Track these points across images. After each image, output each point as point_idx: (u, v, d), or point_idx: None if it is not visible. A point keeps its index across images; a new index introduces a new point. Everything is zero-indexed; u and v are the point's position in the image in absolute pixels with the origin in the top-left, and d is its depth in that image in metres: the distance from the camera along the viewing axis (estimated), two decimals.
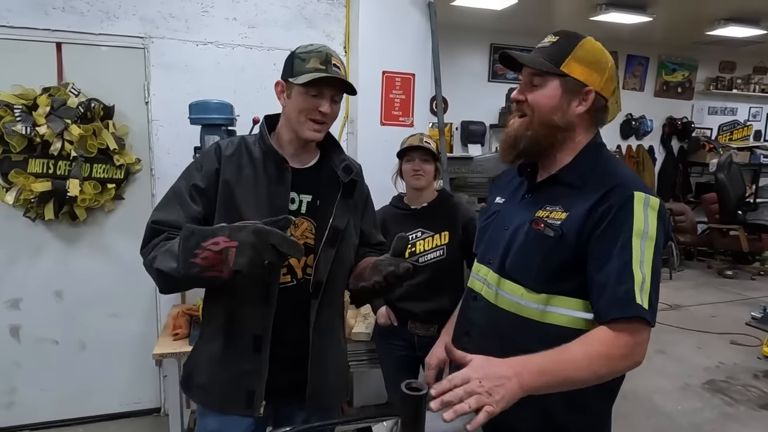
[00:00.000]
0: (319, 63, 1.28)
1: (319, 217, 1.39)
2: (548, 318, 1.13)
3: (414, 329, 2.07)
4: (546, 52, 1.17)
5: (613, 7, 5.03)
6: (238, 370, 1.34)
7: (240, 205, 1.32)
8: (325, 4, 2.89)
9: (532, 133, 1.16)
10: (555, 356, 1.00)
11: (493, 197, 1.39)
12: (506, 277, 1.20)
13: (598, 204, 1.09)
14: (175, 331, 2.27)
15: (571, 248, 1.10)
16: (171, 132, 2.74)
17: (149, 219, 1.32)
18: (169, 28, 2.67)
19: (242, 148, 1.38)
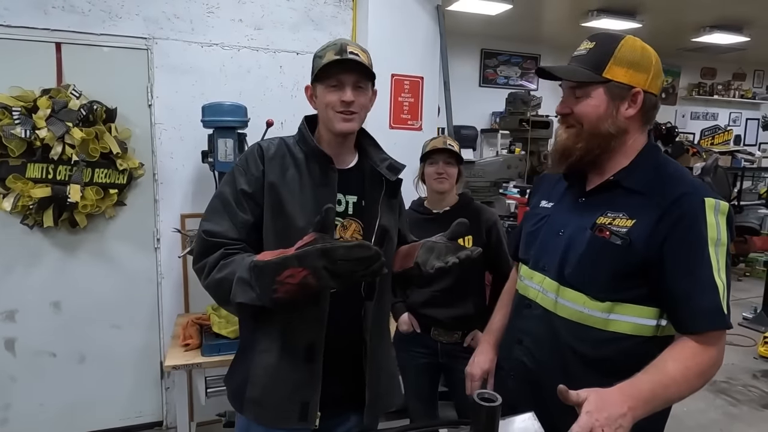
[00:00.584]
0: (334, 54, 1.24)
1: (366, 218, 1.35)
2: (612, 326, 1.11)
3: (437, 336, 2.03)
4: (583, 60, 1.13)
5: (605, 13, 5.12)
6: (292, 382, 1.28)
7: (287, 208, 1.27)
8: (332, 6, 2.86)
9: (584, 144, 1.14)
10: (659, 380, 0.99)
11: (537, 200, 1.36)
12: (566, 285, 1.16)
13: (669, 212, 1.06)
14: (185, 341, 2.19)
15: (640, 257, 1.07)
16: (175, 135, 2.66)
17: (200, 229, 1.28)
18: (173, 29, 2.60)
19: (284, 149, 1.33)
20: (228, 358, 2.06)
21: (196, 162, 2.68)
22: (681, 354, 1.03)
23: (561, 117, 1.18)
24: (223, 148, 2.10)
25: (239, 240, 1.25)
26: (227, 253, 1.21)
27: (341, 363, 1.33)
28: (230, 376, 1.45)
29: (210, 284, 1.22)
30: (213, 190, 2.64)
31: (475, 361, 1.44)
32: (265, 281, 1.09)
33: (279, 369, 1.30)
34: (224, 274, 1.18)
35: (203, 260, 1.24)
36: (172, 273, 2.74)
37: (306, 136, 1.34)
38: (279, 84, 2.81)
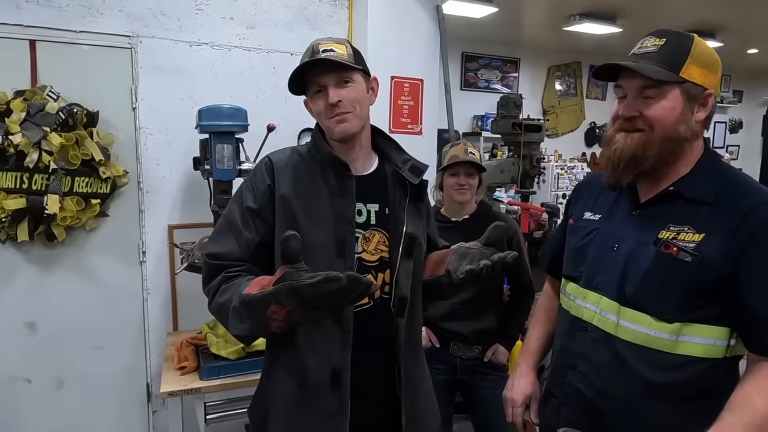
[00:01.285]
0: (308, 58, 1.17)
1: (392, 227, 1.26)
2: (681, 349, 1.03)
3: (456, 351, 1.93)
4: (655, 58, 1.04)
5: (587, 17, 5.14)
6: (317, 413, 1.18)
7: (301, 222, 1.18)
8: (328, 5, 2.73)
9: (657, 151, 1.04)
10: (750, 420, 0.93)
11: (579, 212, 1.27)
12: (628, 305, 1.07)
13: (743, 224, 0.99)
14: (180, 363, 2.02)
15: (714, 274, 0.99)
16: (161, 140, 2.48)
17: (204, 251, 1.25)
18: (159, 27, 2.42)
19: (296, 159, 1.25)
20: (229, 382, 1.94)
21: (185, 169, 2.51)
22: (766, 385, 0.96)
23: (622, 120, 1.07)
24: (221, 155, 1.95)
25: (243, 261, 1.18)
26: (228, 277, 1.15)
27: (373, 387, 1.23)
28: (253, 407, 1.34)
29: (213, 310, 1.17)
30: (205, 199, 2.48)
31: (514, 386, 1.33)
32: (256, 316, 1.01)
33: (301, 400, 1.18)
34: (223, 300, 1.11)
35: (208, 285, 1.18)
36: (159, 288, 2.55)
37: (319, 143, 1.26)
38: (272, 86, 2.66)
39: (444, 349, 1.94)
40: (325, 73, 1.16)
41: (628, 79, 1.06)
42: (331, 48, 1.17)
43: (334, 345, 1.17)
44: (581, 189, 1.35)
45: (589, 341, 1.14)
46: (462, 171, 1.89)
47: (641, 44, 1.08)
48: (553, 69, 7.01)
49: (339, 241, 1.19)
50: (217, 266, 1.17)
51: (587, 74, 7.28)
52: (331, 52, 1.16)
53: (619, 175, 1.08)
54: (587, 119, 7.40)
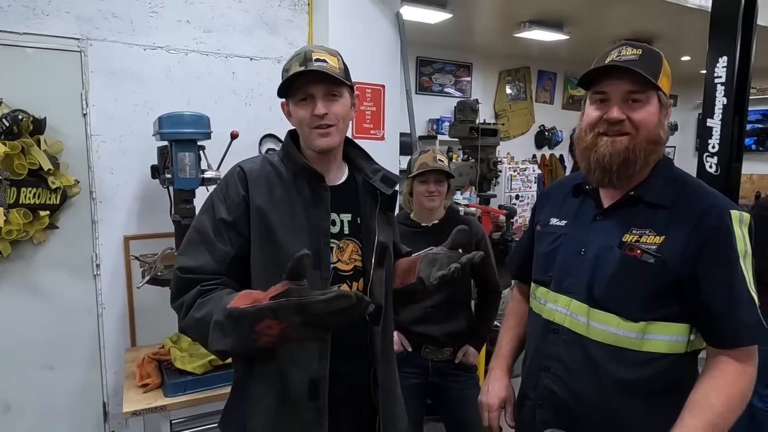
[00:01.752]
0: (299, 65, 1.15)
1: (364, 236, 1.26)
2: (647, 346, 1.08)
3: (428, 354, 1.95)
4: (638, 65, 1.06)
5: (536, 25, 5.33)
6: (296, 425, 1.16)
7: (278, 235, 1.16)
8: (287, 9, 2.70)
9: (643, 154, 1.09)
10: (708, 419, 0.99)
11: (546, 218, 1.30)
12: (597, 307, 1.12)
13: (698, 226, 1.05)
14: (143, 381, 1.93)
15: (675, 274, 1.05)
16: (114, 148, 2.37)
17: (175, 265, 1.16)
18: (111, 30, 2.32)
19: (269, 169, 1.22)
20: (196, 397, 1.88)
21: (140, 178, 2.42)
22: (722, 382, 1.02)
23: (607, 125, 1.09)
24: (183, 163, 1.88)
25: (218, 274, 1.14)
26: (204, 290, 1.11)
27: (350, 395, 1.24)
28: (226, 421, 1.30)
29: (187, 326, 1.12)
30: (164, 208, 2.40)
31: (489, 390, 1.35)
32: (243, 331, 0.97)
33: (281, 413, 1.17)
34: (201, 315, 1.07)
35: (179, 299, 1.13)
36: (115, 303, 2.44)
37: (292, 152, 1.23)
38: (232, 91, 2.60)
39: (416, 352, 1.95)
40: (315, 83, 1.15)
41: (615, 84, 1.08)
42: (324, 58, 1.15)
43: (313, 356, 1.16)
44: (546, 196, 1.38)
45: (561, 343, 1.17)
46: (432, 179, 1.91)
47: (619, 53, 1.10)
48: (504, 74, 7.21)
49: (315, 252, 1.17)
50: (191, 280, 1.12)
51: (536, 79, 7.53)
52: (323, 63, 1.14)
53: (612, 177, 1.11)
54: (537, 122, 7.65)
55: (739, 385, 1.02)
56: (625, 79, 1.06)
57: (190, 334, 1.15)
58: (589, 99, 1.15)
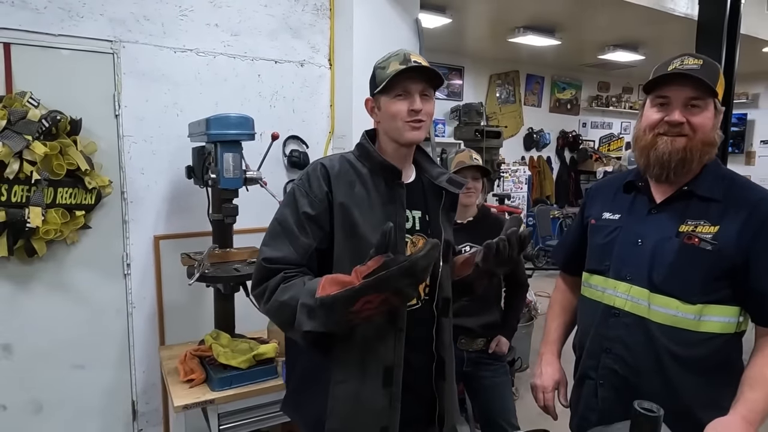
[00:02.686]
0: (398, 64, 1.22)
1: (432, 233, 1.34)
2: (703, 327, 1.18)
3: (463, 345, 2.05)
4: (701, 73, 1.17)
5: (530, 30, 5.49)
6: (371, 409, 1.24)
7: (360, 229, 1.23)
8: (310, 14, 2.77)
9: (699, 154, 1.20)
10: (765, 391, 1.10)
11: (598, 212, 1.40)
12: (657, 291, 1.22)
13: (751, 217, 1.16)
14: (188, 377, 1.98)
15: (730, 260, 1.15)
16: (145, 149, 2.40)
17: (259, 256, 1.23)
18: (143, 32, 2.35)
19: (347, 166, 1.29)
20: (241, 391, 1.94)
21: (171, 178, 2.46)
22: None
23: (668, 126, 1.20)
24: (228, 163, 1.94)
25: (299, 265, 1.21)
26: (287, 277, 1.18)
27: (413, 383, 1.30)
28: (298, 406, 1.39)
29: (271, 309, 1.19)
30: (193, 208, 2.45)
31: (543, 373, 1.44)
32: (336, 316, 1.06)
33: (358, 398, 1.25)
34: (285, 298, 1.14)
35: (263, 285, 1.20)
36: (145, 302, 2.47)
37: (370, 150, 1.30)
38: (257, 93, 2.66)
39: None
40: (414, 81, 1.23)
41: (678, 89, 1.19)
42: (420, 61, 1.24)
43: (389, 345, 1.24)
44: (595, 193, 1.47)
45: (622, 326, 1.27)
46: (469, 175, 2.01)
47: (681, 62, 1.20)
48: (494, 77, 7.38)
49: (393, 247, 1.23)
50: (274, 270, 1.19)
51: (524, 82, 7.73)
52: (420, 64, 1.23)
53: (669, 173, 1.21)
54: (525, 125, 7.84)
55: None
56: (687, 85, 1.17)
57: (272, 316, 1.22)
58: (649, 102, 1.25)
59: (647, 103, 1.26)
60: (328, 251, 1.25)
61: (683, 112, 1.19)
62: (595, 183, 1.59)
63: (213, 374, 1.96)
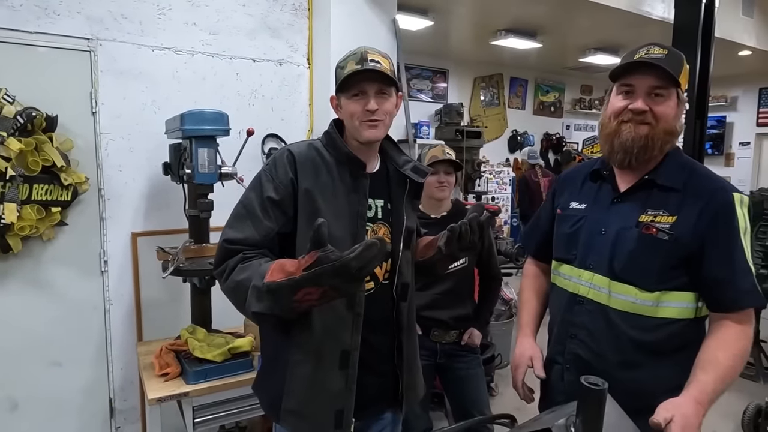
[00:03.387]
0: (354, 64, 1.26)
1: (394, 220, 1.38)
2: (661, 312, 1.22)
3: (437, 337, 2.10)
4: (665, 63, 1.19)
5: (511, 33, 5.57)
6: (327, 391, 1.28)
7: (323, 215, 1.24)
8: (289, 14, 2.80)
9: (660, 143, 1.22)
10: (717, 375, 1.13)
11: (565, 202, 1.43)
12: (617, 279, 1.25)
13: (707, 207, 1.19)
14: (163, 370, 1.99)
15: (686, 249, 1.19)
16: (123, 146, 2.42)
17: (221, 237, 1.26)
18: (120, 30, 2.37)
19: (314, 153, 1.32)
20: (216, 384, 1.96)
21: (149, 175, 2.47)
22: (725, 342, 1.17)
23: (631, 113, 1.22)
24: (203, 159, 1.96)
25: (260, 247, 1.24)
26: (246, 257, 1.21)
27: (374, 363, 1.35)
28: (263, 386, 1.43)
29: (228, 288, 1.21)
30: (171, 205, 2.46)
31: (517, 354, 1.45)
32: (282, 301, 1.08)
33: (314, 379, 1.29)
34: (241, 278, 1.16)
35: (224, 264, 1.23)
36: (122, 299, 2.47)
37: (337, 140, 1.33)
38: (236, 92, 2.68)
39: (425, 336, 2.08)
40: (369, 81, 1.26)
41: (642, 78, 1.21)
42: (378, 60, 1.26)
43: (346, 328, 1.28)
44: (564, 182, 1.50)
45: (586, 313, 1.31)
46: (441, 169, 2.05)
47: (647, 51, 1.22)
48: (478, 80, 7.46)
49: (353, 235, 1.30)
50: (234, 250, 1.22)
51: (508, 85, 7.82)
52: (378, 63, 1.26)
53: (632, 159, 1.24)
54: (509, 127, 7.93)
55: (741, 344, 1.17)
56: (651, 74, 1.20)
57: (229, 295, 1.23)
58: (615, 90, 1.28)
59: (613, 91, 1.29)
60: (291, 236, 1.27)
61: (646, 100, 1.22)
62: (565, 172, 1.60)
63: (188, 368, 1.97)
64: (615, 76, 1.27)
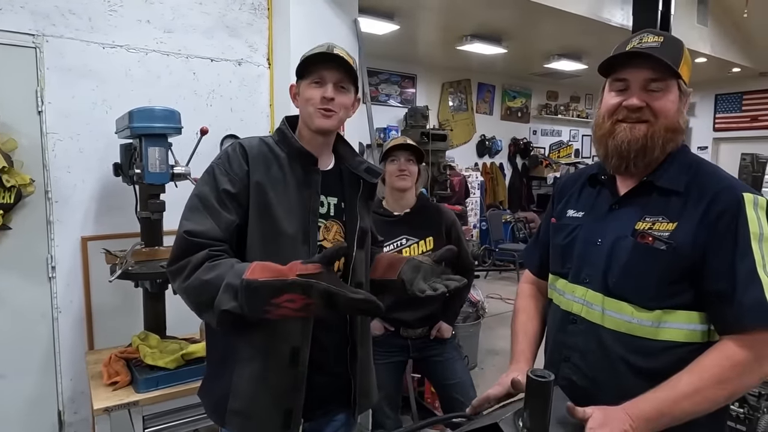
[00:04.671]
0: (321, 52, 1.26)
1: (347, 220, 1.37)
2: (663, 335, 1.04)
3: (406, 334, 2.11)
4: (660, 51, 1.03)
5: (477, 38, 5.65)
6: (275, 389, 1.24)
7: (274, 210, 1.24)
8: (247, 13, 2.75)
9: (662, 141, 1.07)
10: (667, 396, 0.96)
11: (562, 211, 1.27)
12: (611, 295, 1.09)
13: (709, 210, 1.01)
14: (112, 379, 1.90)
15: (688, 260, 1.01)
16: (72, 147, 2.32)
17: (180, 229, 1.19)
18: (68, 26, 2.28)
19: (265, 148, 1.29)
20: (168, 392, 1.88)
21: (99, 177, 2.39)
22: (700, 364, 0.98)
23: (627, 111, 1.08)
24: (154, 158, 1.89)
25: (222, 241, 1.18)
26: (213, 255, 1.15)
27: (326, 363, 1.32)
28: (207, 390, 1.38)
29: (191, 286, 1.13)
30: (123, 208, 2.37)
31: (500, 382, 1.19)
32: (257, 302, 1.04)
33: (263, 377, 1.25)
34: (210, 277, 1.10)
35: (184, 259, 1.15)
36: (71, 306, 2.37)
37: (288, 135, 1.31)
38: (193, 92, 2.62)
39: (395, 334, 2.10)
40: (330, 70, 1.25)
41: (636, 71, 1.06)
42: (343, 55, 1.26)
43: (296, 326, 1.25)
44: (562, 189, 1.33)
45: (579, 333, 1.15)
46: (402, 157, 2.02)
47: (639, 40, 1.07)
48: (447, 85, 7.53)
49: (305, 231, 1.27)
50: (198, 243, 1.15)
51: (476, 91, 7.91)
52: (341, 58, 1.26)
53: (629, 164, 1.09)
54: (478, 132, 8.02)
55: (715, 371, 0.96)
56: (646, 66, 1.05)
57: (189, 294, 1.15)
58: (608, 86, 1.13)
59: (606, 87, 1.14)
60: (242, 229, 1.24)
61: (642, 95, 1.06)
62: (563, 177, 1.45)
63: (138, 375, 1.89)
64: (606, 70, 1.12)
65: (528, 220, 7.50)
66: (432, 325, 2.11)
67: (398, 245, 2.04)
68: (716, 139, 8.79)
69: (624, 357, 1.07)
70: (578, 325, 1.16)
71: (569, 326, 1.18)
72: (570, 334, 1.17)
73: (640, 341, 1.05)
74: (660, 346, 1.04)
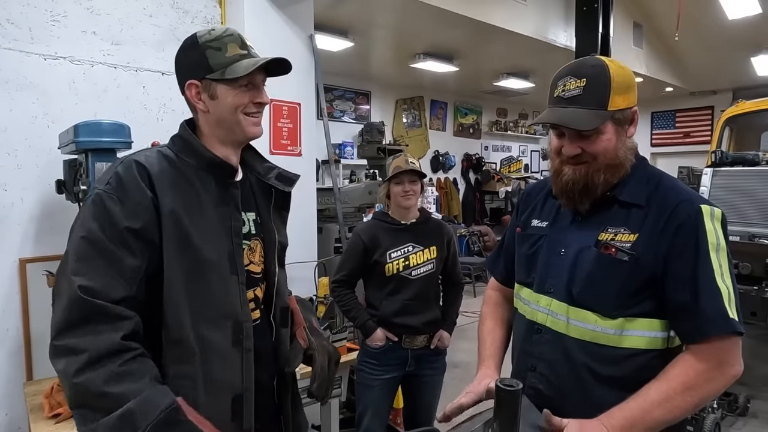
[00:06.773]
0: (239, 48, 1.09)
1: (266, 236, 1.21)
2: (625, 342, 1.07)
3: (408, 344, 2.11)
4: (582, 101, 1.07)
5: (429, 56, 5.77)
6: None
7: (194, 238, 1.04)
8: (200, 26, 2.70)
9: (604, 177, 1.10)
10: (638, 406, 0.99)
11: (527, 221, 1.29)
12: (575, 305, 1.12)
13: (669, 222, 1.05)
14: (54, 411, 1.77)
15: (649, 270, 1.05)
16: (9, 163, 2.18)
17: (71, 285, 0.92)
18: (5, 36, 2.16)
19: (165, 163, 1.07)
20: None
21: (40, 194, 2.25)
22: (668, 373, 1.02)
23: (567, 157, 1.12)
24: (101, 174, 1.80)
25: (127, 298, 0.95)
26: (126, 349, 0.92)
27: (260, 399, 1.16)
28: None
29: (83, 386, 0.88)
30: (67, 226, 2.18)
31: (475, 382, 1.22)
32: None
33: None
34: (117, 391, 0.88)
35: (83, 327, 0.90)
36: (7, 335, 2.19)
37: (195, 144, 1.11)
38: (142, 106, 2.53)
39: (397, 344, 2.09)
40: (262, 73, 1.12)
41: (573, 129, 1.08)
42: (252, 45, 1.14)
43: (236, 368, 1.09)
44: (526, 199, 1.35)
45: (545, 343, 1.17)
46: (406, 179, 2.08)
47: (563, 86, 1.09)
48: (401, 102, 7.64)
49: (230, 255, 1.10)
50: (98, 307, 0.91)
51: (429, 107, 8.07)
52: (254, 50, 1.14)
53: (576, 202, 1.13)
54: (432, 148, 8.15)
55: (682, 379, 1.00)
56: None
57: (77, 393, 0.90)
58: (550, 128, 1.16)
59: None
60: (157, 274, 1.01)
61: (577, 142, 1.10)
62: (528, 187, 1.47)
63: None
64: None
65: (482, 233, 7.65)
66: (432, 334, 2.14)
67: (405, 251, 2.11)
68: (653, 153, 9.30)
69: (588, 365, 1.10)
70: (543, 334, 1.17)
71: (534, 336, 1.19)
72: (535, 343, 1.19)
73: (605, 349, 1.08)
74: (623, 353, 1.07)
